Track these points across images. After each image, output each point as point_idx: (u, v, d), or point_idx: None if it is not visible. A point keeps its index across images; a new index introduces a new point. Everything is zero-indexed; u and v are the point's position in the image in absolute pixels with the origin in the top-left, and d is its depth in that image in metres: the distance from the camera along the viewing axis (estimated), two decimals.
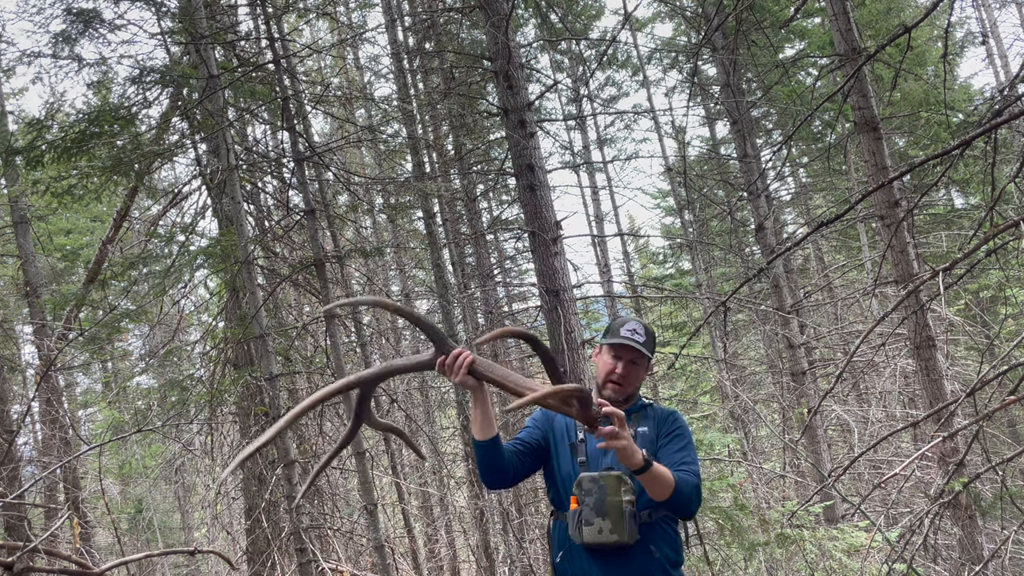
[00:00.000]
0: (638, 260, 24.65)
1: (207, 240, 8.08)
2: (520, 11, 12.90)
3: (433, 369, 2.38)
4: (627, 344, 2.72)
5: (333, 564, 6.26)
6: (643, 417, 2.83)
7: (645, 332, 2.80)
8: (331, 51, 12.31)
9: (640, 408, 2.85)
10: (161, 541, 15.38)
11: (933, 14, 10.28)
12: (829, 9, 5.80)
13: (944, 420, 4.68)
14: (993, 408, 3.88)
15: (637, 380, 2.79)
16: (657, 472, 2.48)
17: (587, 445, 2.78)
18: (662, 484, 2.50)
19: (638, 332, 2.77)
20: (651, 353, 2.79)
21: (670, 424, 2.81)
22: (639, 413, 2.83)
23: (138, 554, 3.54)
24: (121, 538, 6.96)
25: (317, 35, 15.52)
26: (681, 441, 2.77)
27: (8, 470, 7.92)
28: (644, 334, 2.78)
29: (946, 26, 4.11)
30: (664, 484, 2.50)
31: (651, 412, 2.84)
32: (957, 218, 12.83)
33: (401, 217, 12.34)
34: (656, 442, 2.75)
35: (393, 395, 8.18)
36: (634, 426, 2.75)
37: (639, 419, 2.82)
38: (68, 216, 15.55)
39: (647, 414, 2.83)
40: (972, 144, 3.45)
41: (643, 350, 2.75)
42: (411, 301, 13.85)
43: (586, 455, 2.77)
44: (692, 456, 2.74)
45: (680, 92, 16.48)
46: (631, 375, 2.75)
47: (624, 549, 2.58)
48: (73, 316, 9.49)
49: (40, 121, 6.43)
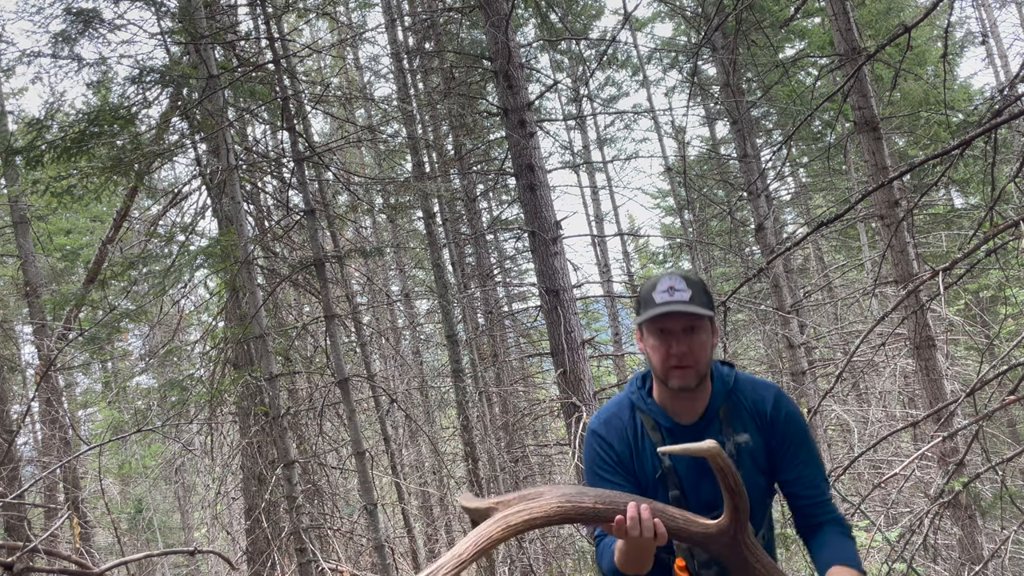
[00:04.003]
0: (638, 260, 24.65)
1: (207, 240, 8.08)
2: (520, 11, 12.90)
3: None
4: (671, 312, 1.93)
5: (333, 564, 6.26)
6: (733, 413, 2.06)
7: (688, 284, 1.97)
8: (331, 51, 12.30)
9: (724, 393, 2.06)
10: (161, 541, 15.38)
11: (933, 14, 10.28)
12: (829, 9, 5.79)
13: (944, 420, 4.68)
14: (993, 408, 3.88)
15: (705, 351, 1.98)
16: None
17: (675, 467, 2.03)
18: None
19: (678, 289, 1.95)
20: (709, 308, 1.98)
21: (782, 422, 2.05)
22: (725, 406, 2.06)
23: (138, 554, 3.54)
24: (121, 538, 6.96)
25: (317, 35, 15.51)
26: (806, 449, 2.06)
27: (8, 470, 7.91)
28: (688, 287, 1.96)
29: (946, 26, 4.11)
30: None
31: (740, 398, 2.08)
32: (957, 218, 12.82)
33: (401, 217, 12.34)
34: (766, 454, 2.05)
35: (393, 395, 8.18)
36: (729, 436, 2.03)
37: (729, 418, 2.05)
38: (68, 216, 15.54)
39: (735, 404, 2.07)
40: (972, 144, 3.45)
41: (696, 309, 1.93)
42: (411, 301, 13.85)
43: (680, 487, 2.03)
44: (822, 472, 2.09)
45: (680, 92, 16.49)
46: (695, 348, 1.96)
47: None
48: (73, 316, 9.48)
49: (40, 121, 6.42)
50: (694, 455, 1.71)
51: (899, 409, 10.37)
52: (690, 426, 2.05)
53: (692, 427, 2.05)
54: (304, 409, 7.78)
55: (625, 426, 2.09)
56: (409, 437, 11.34)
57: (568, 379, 7.45)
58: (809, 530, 2.07)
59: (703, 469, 1.96)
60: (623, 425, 2.09)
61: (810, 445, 2.08)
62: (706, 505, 1.97)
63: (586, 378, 7.51)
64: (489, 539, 1.64)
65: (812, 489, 2.05)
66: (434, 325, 14.10)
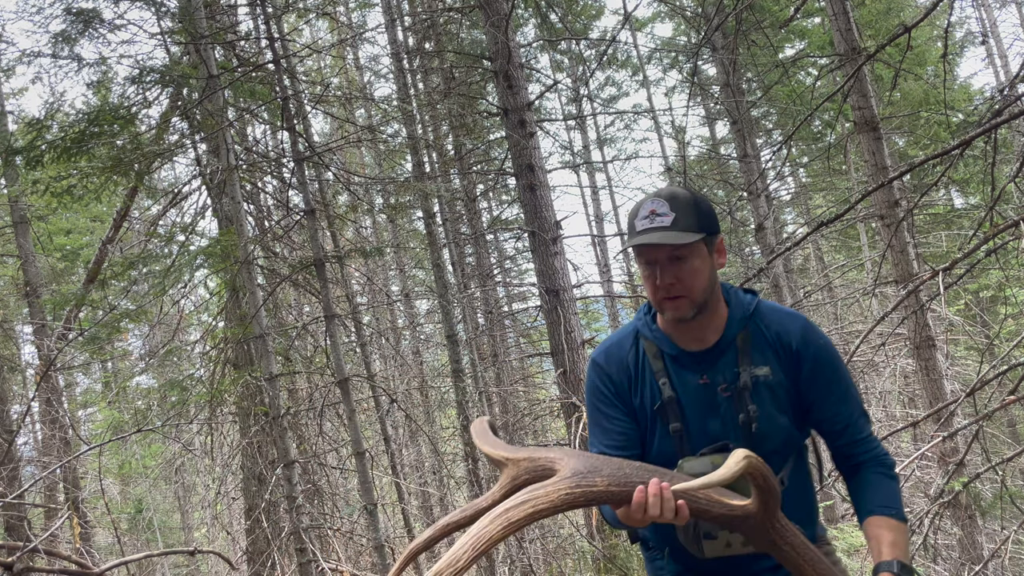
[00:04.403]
0: None
1: (207, 240, 8.08)
2: (520, 11, 12.90)
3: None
4: (648, 243, 1.77)
5: (333, 564, 6.26)
6: (752, 343, 1.85)
7: (672, 204, 1.77)
8: (331, 51, 12.31)
9: (742, 321, 1.86)
10: (161, 541, 15.38)
11: (933, 14, 10.28)
12: (829, 9, 5.79)
13: (944, 420, 4.68)
14: (993, 408, 3.88)
15: (698, 278, 1.78)
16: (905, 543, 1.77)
17: (678, 397, 1.86)
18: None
19: (660, 213, 1.76)
20: (699, 229, 1.77)
21: (811, 356, 1.85)
22: (744, 335, 1.85)
23: (138, 554, 3.54)
24: (121, 538, 6.96)
25: (317, 35, 15.51)
26: (839, 385, 1.87)
27: (8, 470, 7.91)
28: (671, 208, 1.76)
29: (946, 26, 4.11)
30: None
31: (761, 328, 1.87)
32: (957, 218, 12.82)
33: (401, 217, 12.35)
34: (791, 390, 1.86)
35: (393, 395, 8.18)
36: (746, 367, 1.83)
37: (747, 347, 1.84)
38: (68, 216, 15.54)
39: (755, 333, 1.86)
40: (972, 144, 3.45)
41: (677, 238, 1.74)
42: (411, 301, 13.86)
43: (681, 418, 1.86)
44: (859, 408, 1.90)
45: (680, 92, 16.50)
46: (684, 277, 1.77)
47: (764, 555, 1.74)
48: (73, 316, 9.49)
49: (40, 121, 6.42)
50: (721, 484, 1.51)
51: (899, 409, 10.37)
52: (699, 353, 1.88)
53: (701, 354, 1.87)
54: (304, 409, 7.78)
55: (626, 354, 1.94)
56: (409, 437, 11.35)
57: (568, 379, 7.46)
58: (848, 471, 1.92)
59: (711, 402, 1.84)
60: (624, 354, 1.94)
61: (843, 380, 1.89)
62: (711, 439, 1.83)
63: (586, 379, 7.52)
64: (488, 540, 1.49)
65: (848, 427, 1.87)
66: (434, 325, 14.10)
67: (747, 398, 1.83)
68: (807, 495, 1.98)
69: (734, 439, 1.82)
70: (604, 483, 1.57)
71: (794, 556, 1.63)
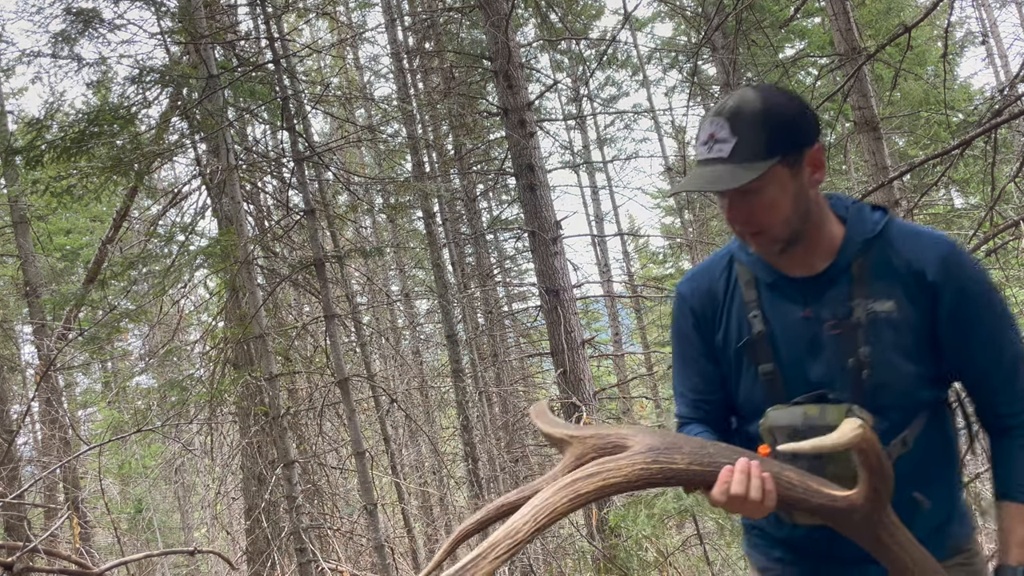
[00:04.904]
0: (638, 260, 24.64)
1: (207, 240, 8.08)
2: (520, 11, 12.89)
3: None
4: (702, 185, 1.49)
5: (333, 564, 6.26)
6: (875, 271, 1.50)
7: (733, 125, 1.42)
8: (331, 51, 12.30)
9: (863, 244, 1.51)
10: (161, 541, 15.37)
11: (933, 14, 10.28)
12: (829, 9, 5.79)
13: None
14: None
15: (775, 212, 1.45)
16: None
17: (772, 333, 1.54)
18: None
19: (719, 139, 1.42)
20: (771, 152, 1.41)
21: (955, 290, 1.47)
22: (862, 260, 1.50)
23: (138, 554, 3.54)
24: (121, 538, 6.96)
25: (317, 35, 15.51)
26: (991, 328, 1.49)
27: (8, 470, 7.91)
28: (731, 131, 1.42)
29: (946, 26, 4.11)
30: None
31: (889, 253, 1.50)
32: (957, 218, 12.82)
33: (401, 217, 12.35)
34: (923, 332, 1.48)
35: (393, 395, 8.18)
36: (861, 301, 1.48)
37: (866, 276, 1.49)
38: (68, 216, 15.54)
39: (880, 259, 1.50)
40: (972, 144, 3.45)
41: (736, 174, 1.41)
42: (411, 301, 13.86)
43: (774, 359, 1.54)
44: (1018, 358, 1.50)
45: (680, 92, 16.50)
46: (758, 212, 1.45)
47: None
48: (73, 316, 9.48)
49: (40, 121, 6.42)
50: (829, 451, 1.28)
51: None
52: (804, 280, 1.54)
53: (806, 281, 1.54)
54: (304, 409, 7.78)
55: (714, 281, 1.64)
56: (409, 437, 11.34)
57: (568, 379, 7.46)
58: (994, 433, 1.55)
59: (814, 340, 1.51)
60: (712, 280, 1.65)
61: (995, 322, 1.49)
62: (812, 386, 1.51)
63: (586, 378, 7.51)
64: (552, 512, 1.31)
65: (998, 382, 1.50)
66: (434, 325, 14.09)
67: (860, 338, 1.48)
68: (944, 469, 1.58)
69: (839, 387, 1.49)
70: (685, 461, 1.37)
71: (905, 558, 1.36)
